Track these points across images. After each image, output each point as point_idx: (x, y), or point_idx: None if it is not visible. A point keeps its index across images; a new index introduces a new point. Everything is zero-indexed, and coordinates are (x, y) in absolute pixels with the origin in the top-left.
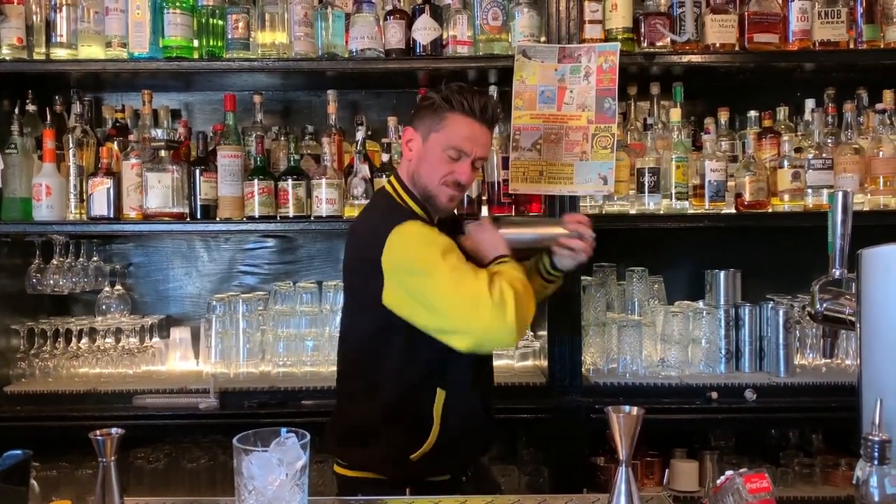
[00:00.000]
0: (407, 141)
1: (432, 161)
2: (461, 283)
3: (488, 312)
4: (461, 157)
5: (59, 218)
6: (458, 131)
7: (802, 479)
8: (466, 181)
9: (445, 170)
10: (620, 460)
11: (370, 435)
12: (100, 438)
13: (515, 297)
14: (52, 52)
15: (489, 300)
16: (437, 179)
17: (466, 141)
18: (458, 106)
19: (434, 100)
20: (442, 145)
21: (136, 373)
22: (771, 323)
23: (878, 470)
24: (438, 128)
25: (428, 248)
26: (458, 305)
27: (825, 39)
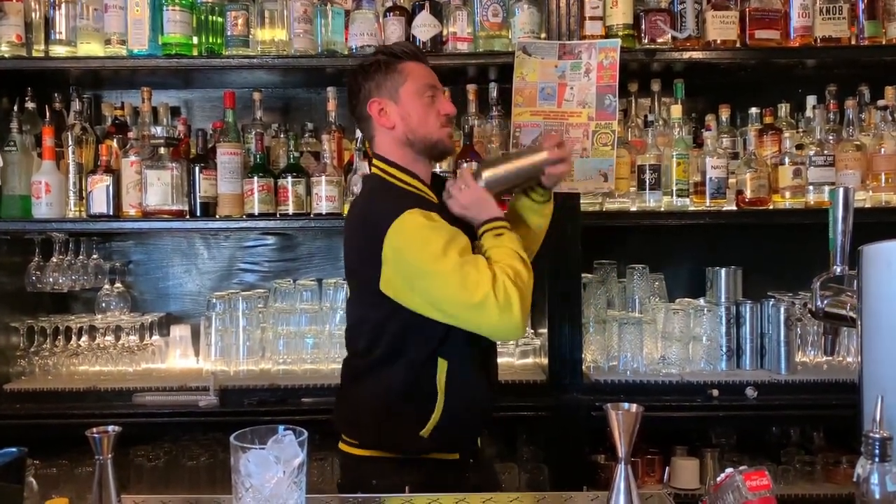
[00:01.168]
0: (378, 111)
1: (417, 111)
2: (464, 284)
3: (495, 314)
4: (436, 93)
5: (58, 215)
6: (419, 73)
7: (803, 476)
8: (452, 111)
9: (433, 112)
10: (619, 458)
11: (380, 415)
12: (97, 436)
13: (520, 294)
14: (51, 50)
15: (494, 302)
16: (433, 124)
17: (430, 77)
18: (403, 55)
19: (378, 61)
20: (416, 93)
21: (135, 371)
22: (772, 320)
23: (879, 467)
24: (402, 80)
25: (428, 246)
26: (463, 308)
27: (827, 36)
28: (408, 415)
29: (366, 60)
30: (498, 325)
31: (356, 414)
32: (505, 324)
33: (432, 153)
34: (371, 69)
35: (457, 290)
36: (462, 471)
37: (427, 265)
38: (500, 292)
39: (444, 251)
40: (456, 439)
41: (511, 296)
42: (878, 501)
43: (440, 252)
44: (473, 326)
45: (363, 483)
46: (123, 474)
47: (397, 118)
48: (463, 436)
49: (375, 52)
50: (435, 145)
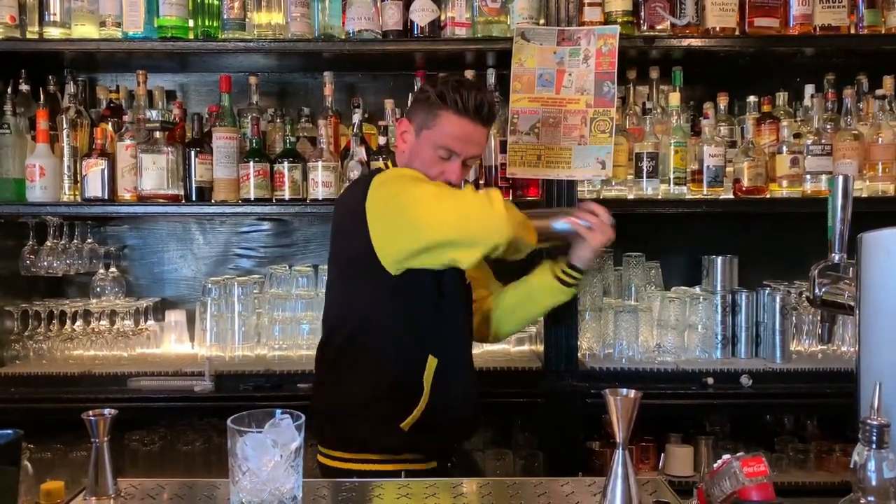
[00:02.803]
0: (402, 133)
1: (424, 159)
2: (447, 195)
3: (476, 203)
4: (452, 156)
5: (52, 199)
6: (449, 131)
7: (797, 464)
8: (456, 181)
9: (437, 170)
10: (617, 443)
11: (360, 406)
12: (92, 419)
13: (503, 197)
14: (45, 31)
15: (474, 195)
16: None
17: (457, 141)
18: (452, 104)
19: (429, 94)
20: (433, 144)
21: (130, 355)
22: (767, 309)
23: (876, 454)
24: (430, 125)
25: (411, 180)
26: (448, 209)
27: (826, 24)
28: (390, 406)
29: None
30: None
31: (333, 406)
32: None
33: None
34: (422, 95)
35: (439, 194)
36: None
37: (407, 191)
38: (480, 193)
39: (427, 182)
40: (433, 441)
41: (492, 193)
42: (874, 488)
43: (422, 182)
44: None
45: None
46: (118, 459)
47: (408, 149)
48: (441, 439)
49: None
50: None
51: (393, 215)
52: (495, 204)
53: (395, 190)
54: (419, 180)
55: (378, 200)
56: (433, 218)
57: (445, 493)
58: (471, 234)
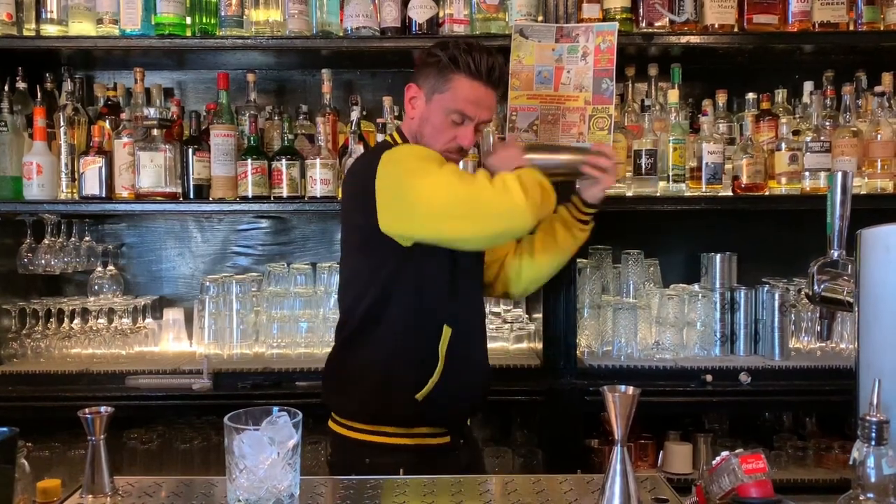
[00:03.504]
0: (410, 98)
1: (435, 124)
2: (460, 179)
3: (493, 197)
4: (465, 121)
5: (50, 197)
6: (463, 94)
7: (795, 461)
8: (468, 145)
9: (449, 135)
10: (616, 440)
11: (376, 377)
12: (89, 417)
13: (519, 179)
14: (42, 29)
15: (490, 187)
16: (439, 145)
17: (471, 105)
18: (465, 67)
19: (440, 58)
20: (445, 108)
21: (128, 353)
22: (766, 306)
23: (875, 451)
24: (443, 89)
25: (420, 161)
26: (462, 201)
27: (825, 21)
28: (405, 376)
29: (442, 46)
30: (499, 207)
31: (350, 377)
32: (506, 205)
33: None
34: (431, 59)
35: (451, 184)
36: (452, 453)
37: (418, 173)
38: (496, 181)
39: (439, 163)
40: (448, 412)
41: (508, 182)
42: (874, 485)
43: (434, 164)
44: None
45: (355, 462)
46: (117, 457)
47: (418, 115)
48: (455, 410)
49: (449, 46)
50: None
51: (402, 199)
52: (513, 193)
53: (407, 172)
54: (430, 161)
55: (388, 179)
56: (447, 212)
57: (443, 491)
58: (490, 229)
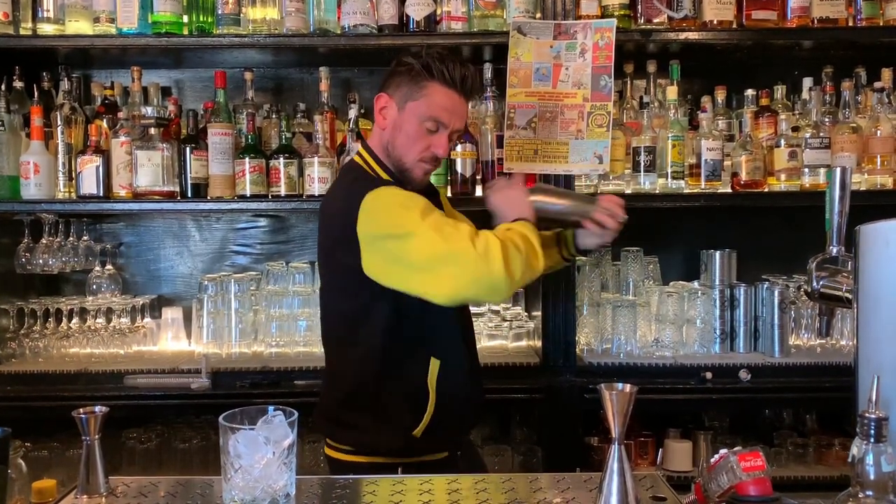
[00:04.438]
0: (381, 108)
1: (409, 132)
2: (443, 238)
3: (473, 263)
4: (439, 128)
5: (47, 196)
6: (438, 101)
7: (796, 458)
8: (444, 154)
9: (423, 143)
10: (613, 438)
11: (371, 415)
12: (83, 416)
13: (502, 246)
14: (38, 28)
15: (473, 252)
16: (414, 154)
17: (446, 112)
18: (439, 75)
19: (412, 65)
20: (420, 116)
21: (127, 353)
22: (766, 303)
23: (874, 447)
24: (417, 97)
25: (405, 211)
26: (442, 262)
27: (824, 16)
28: (400, 416)
29: (414, 55)
30: (478, 277)
31: (341, 411)
32: (485, 275)
33: (400, 175)
34: (403, 68)
35: (433, 244)
36: (451, 467)
37: (403, 228)
38: (479, 243)
39: (422, 215)
40: (446, 438)
41: (491, 246)
42: (873, 482)
43: (417, 216)
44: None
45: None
46: (115, 457)
47: (390, 124)
48: (453, 434)
49: (422, 55)
50: (403, 172)
51: (383, 251)
52: (493, 263)
53: (389, 227)
54: (412, 210)
55: (370, 228)
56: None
57: (440, 490)
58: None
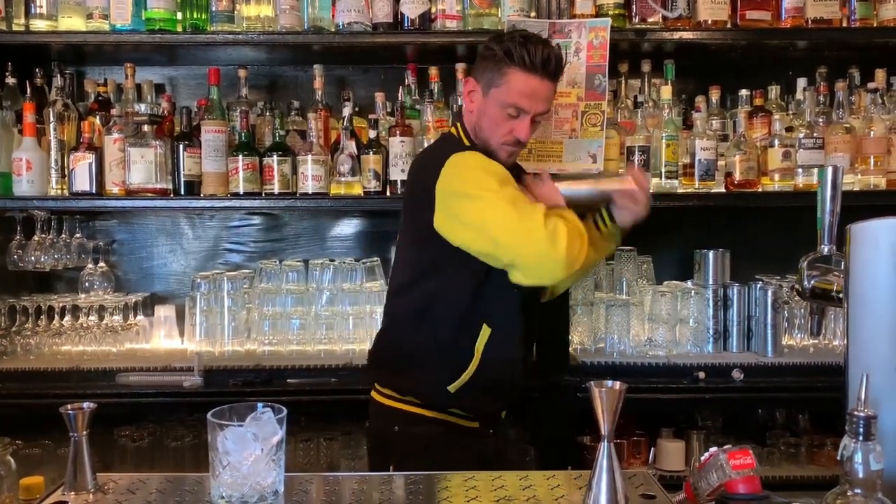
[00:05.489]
0: (469, 92)
1: (492, 117)
2: (516, 210)
3: (542, 241)
4: (521, 114)
5: (40, 193)
6: (517, 88)
7: (788, 458)
8: (525, 138)
9: (505, 128)
10: (602, 436)
11: (413, 361)
12: (70, 413)
13: (569, 231)
14: (31, 24)
15: (543, 230)
16: (497, 137)
17: (526, 98)
18: (519, 61)
19: (495, 52)
20: (501, 102)
21: (119, 351)
22: (759, 303)
23: (862, 446)
24: (499, 83)
25: (484, 174)
26: (512, 231)
27: (818, 17)
28: (440, 368)
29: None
30: (541, 254)
31: (391, 357)
32: (549, 254)
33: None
34: (488, 53)
35: (505, 213)
36: (480, 438)
37: (478, 190)
38: (549, 223)
39: (500, 183)
40: (479, 404)
41: (559, 229)
42: (861, 480)
43: (495, 182)
44: (516, 255)
45: (386, 429)
46: (107, 455)
47: (476, 108)
48: (486, 404)
49: (504, 39)
50: (490, 153)
51: (457, 208)
52: (559, 246)
53: (468, 182)
54: (492, 177)
55: (450, 185)
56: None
57: (429, 486)
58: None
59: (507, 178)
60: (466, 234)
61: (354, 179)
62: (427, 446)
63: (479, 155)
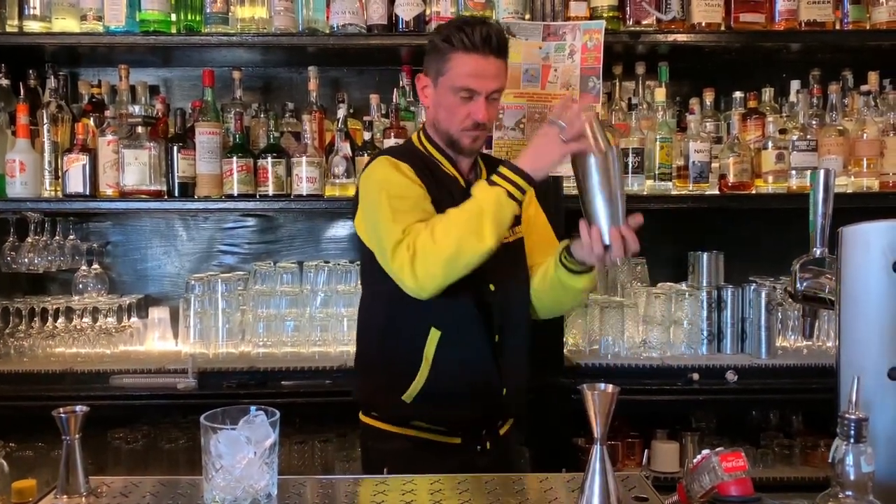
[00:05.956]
0: (422, 88)
1: (447, 106)
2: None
3: (400, 259)
4: (473, 96)
5: (33, 195)
6: (463, 70)
7: (782, 459)
8: (483, 118)
9: (461, 113)
10: (595, 438)
11: (367, 372)
12: (63, 416)
13: (422, 256)
14: (25, 25)
15: (405, 251)
16: (456, 125)
17: (473, 78)
18: (459, 43)
19: (436, 42)
20: (451, 88)
21: (113, 353)
22: (753, 304)
23: (854, 448)
24: (445, 70)
25: (378, 185)
26: (385, 246)
27: (811, 20)
28: (391, 377)
29: (438, 30)
30: (399, 270)
31: (357, 368)
32: (404, 272)
33: (453, 148)
34: (431, 45)
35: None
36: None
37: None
38: (410, 244)
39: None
40: (444, 415)
41: (417, 252)
42: (853, 482)
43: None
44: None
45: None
46: (101, 457)
47: (431, 102)
48: (454, 412)
49: (443, 29)
50: (453, 143)
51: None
52: (414, 266)
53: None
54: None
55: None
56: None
57: (423, 489)
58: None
59: (401, 191)
60: (367, 238)
61: (349, 181)
62: (394, 464)
63: (382, 162)
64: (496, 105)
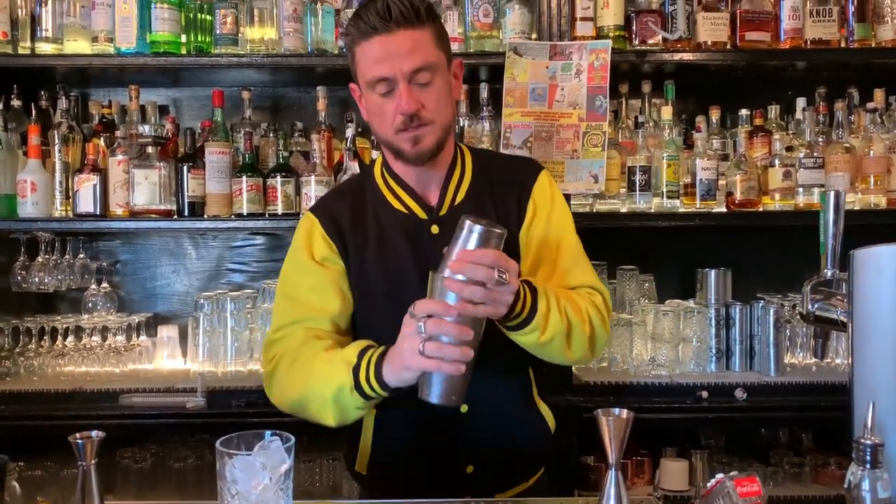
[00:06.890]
0: (358, 100)
1: (373, 108)
2: (275, 317)
3: (264, 360)
4: (392, 85)
5: (44, 215)
6: (367, 59)
7: (792, 478)
8: (407, 106)
9: (388, 111)
10: (610, 464)
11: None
12: (79, 442)
13: (280, 376)
14: (37, 47)
15: (269, 359)
16: (388, 129)
17: (380, 64)
18: (356, 32)
19: (343, 47)
20: (367, 84)
21: (122, 371)
22: (761, 322)
23: (870, 474)
24: (357, 70)
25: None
26: (268, 333)
27: (816, 38)
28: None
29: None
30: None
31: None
32: (264, 380)
33: (399, 158)
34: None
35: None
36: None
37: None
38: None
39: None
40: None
41: (275, 361)
42: None
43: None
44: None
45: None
46: (110, 476)
47: (364, 111)
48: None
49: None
50: (396, 150)
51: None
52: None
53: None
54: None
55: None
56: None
57: None
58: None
59: (294, 290)
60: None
61: None
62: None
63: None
64: (435, 89)
